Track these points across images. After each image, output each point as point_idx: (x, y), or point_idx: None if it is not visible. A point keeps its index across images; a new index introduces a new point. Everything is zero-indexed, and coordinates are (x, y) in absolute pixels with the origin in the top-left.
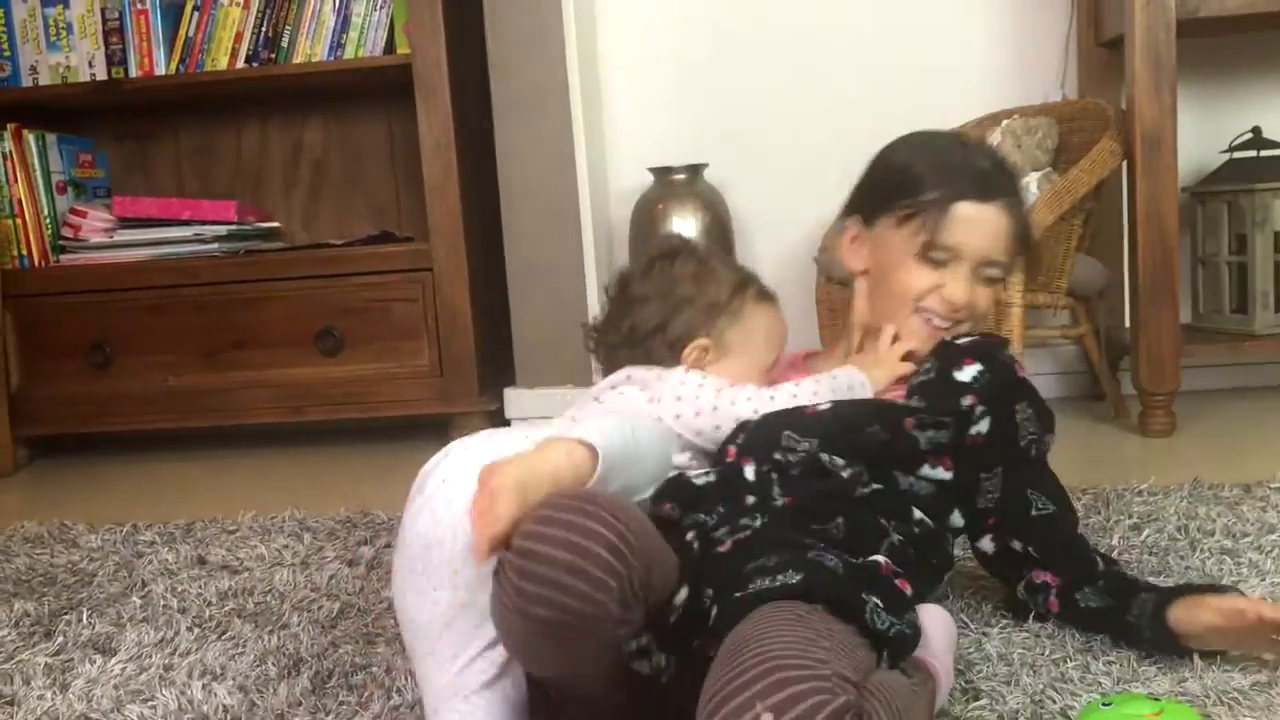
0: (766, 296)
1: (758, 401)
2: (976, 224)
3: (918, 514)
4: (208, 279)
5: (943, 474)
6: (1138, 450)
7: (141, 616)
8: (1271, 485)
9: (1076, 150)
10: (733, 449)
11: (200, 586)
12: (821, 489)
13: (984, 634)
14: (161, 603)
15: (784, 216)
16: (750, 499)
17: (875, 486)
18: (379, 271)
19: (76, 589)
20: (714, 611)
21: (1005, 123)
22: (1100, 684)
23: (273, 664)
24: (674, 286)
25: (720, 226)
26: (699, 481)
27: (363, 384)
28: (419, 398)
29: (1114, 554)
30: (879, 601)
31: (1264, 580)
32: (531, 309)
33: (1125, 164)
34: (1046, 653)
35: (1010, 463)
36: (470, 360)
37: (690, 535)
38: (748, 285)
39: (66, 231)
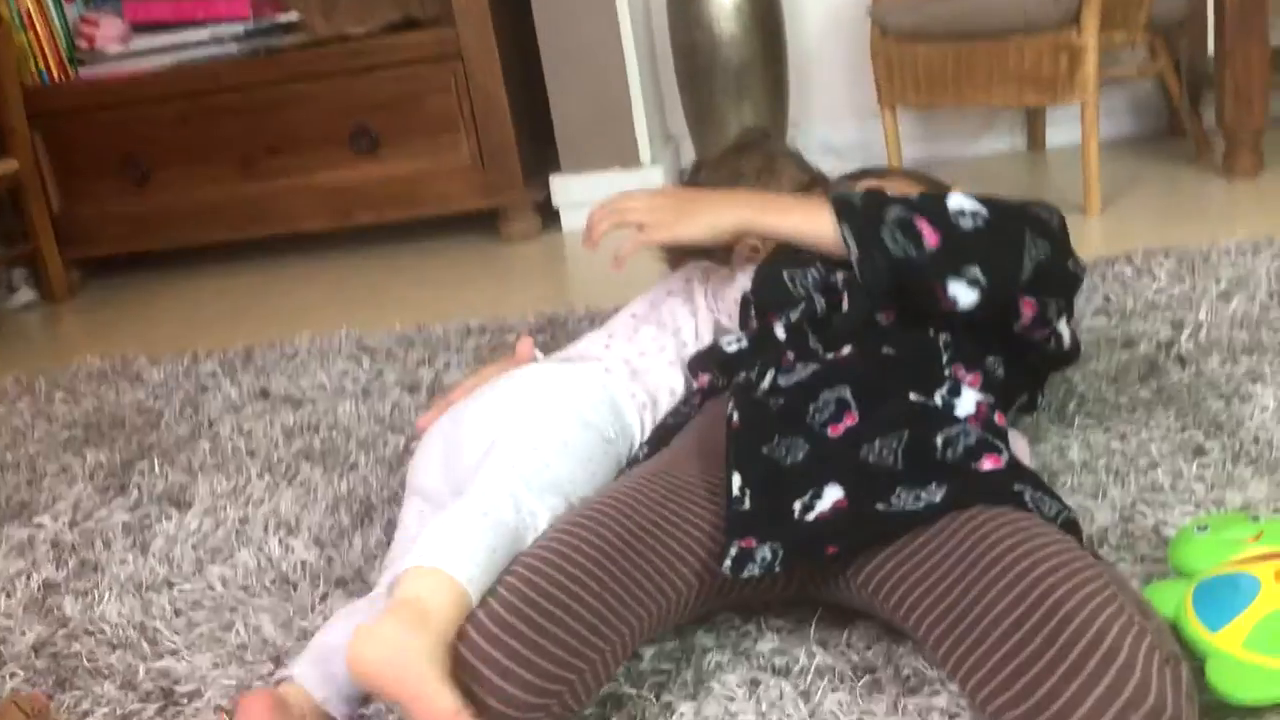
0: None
1: None
2: None
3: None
4: (230, 83)
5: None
6: (1223, 196)
7: (212, 463)
8: None
9: None
10: (752, 323)
11: (266, 425)
12: (851, 318)
13: (1064, 437)
14: (230, 445)
15: None
16: (791, 355)
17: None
18: (407, 62)
19: (146, 431)
20: (832, 504)
21: None
22: (1193, 491)
23: (345, 512)
24: (737, 181)
25: None
26: (731, 349)
27: (404, 183)
28: (462, 192)
29: (1202, 330)
30: (1030, 486)
31: None
32: (570, 91)
33: None
34: (1132, 458)
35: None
36: (511, 149)
37: (732, 404)
38: (813, 188)
39: (81, 43)
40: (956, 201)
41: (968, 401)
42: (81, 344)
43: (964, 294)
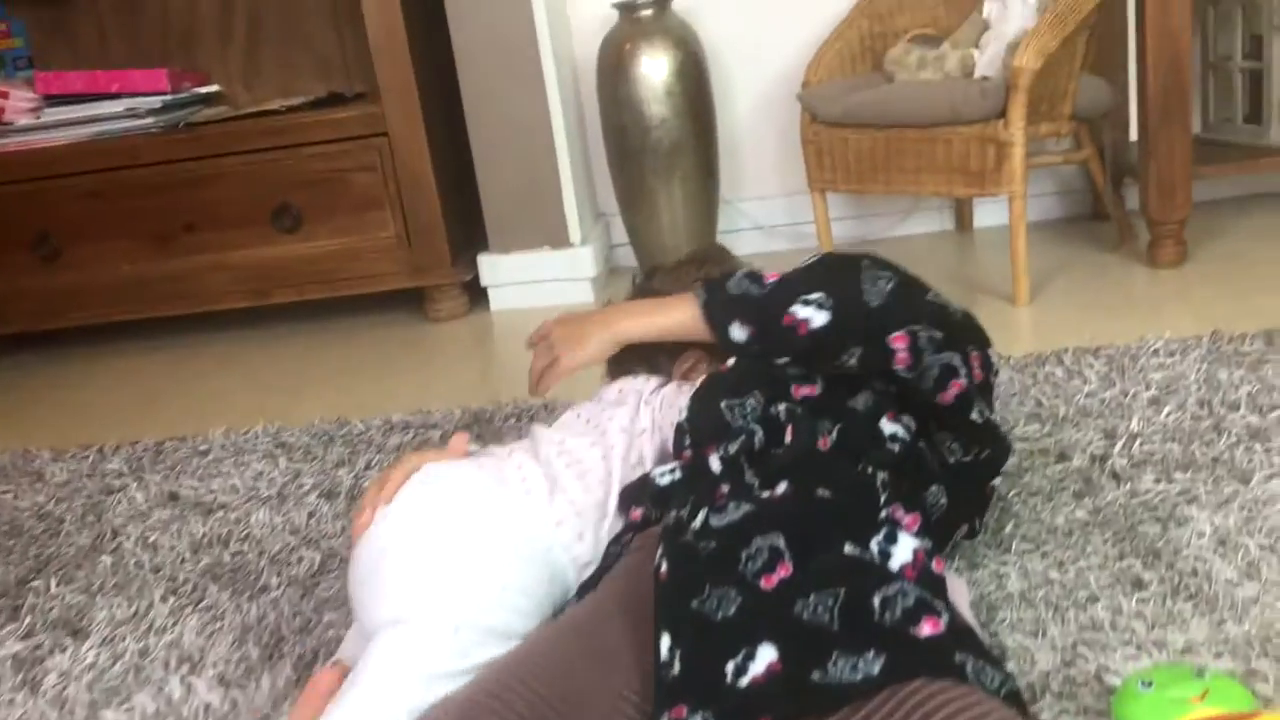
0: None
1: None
2: None
3: (887, 428)
4: (147, 158)
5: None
6: (1148, 286)
7: (113, 582)
8: None
9: None
10: (686, 452)
11: (172, 536)
12: (791, 453)
13: (1002, 563)
14: (133, 560)
15: (762, 49)
16: (725, 488)
17: (838, 425)
18: (332, 140)
19: (45, 541)
20: (768, 665)
21: None
22: (1134, 631)
23: (254, 644)
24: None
25: (694, 65)
26: (663, 481)
27: (328, 261)
28: (388, 271)
29: (1135, 442)
30: (972, 655)
31: None
32: (499, 169)
33: None
34: (1070, 590)
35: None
36: (439, 228)
37: (660, 551)
38: None
39: None
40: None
41: (904, 549)
42: None
43: (814, 315)
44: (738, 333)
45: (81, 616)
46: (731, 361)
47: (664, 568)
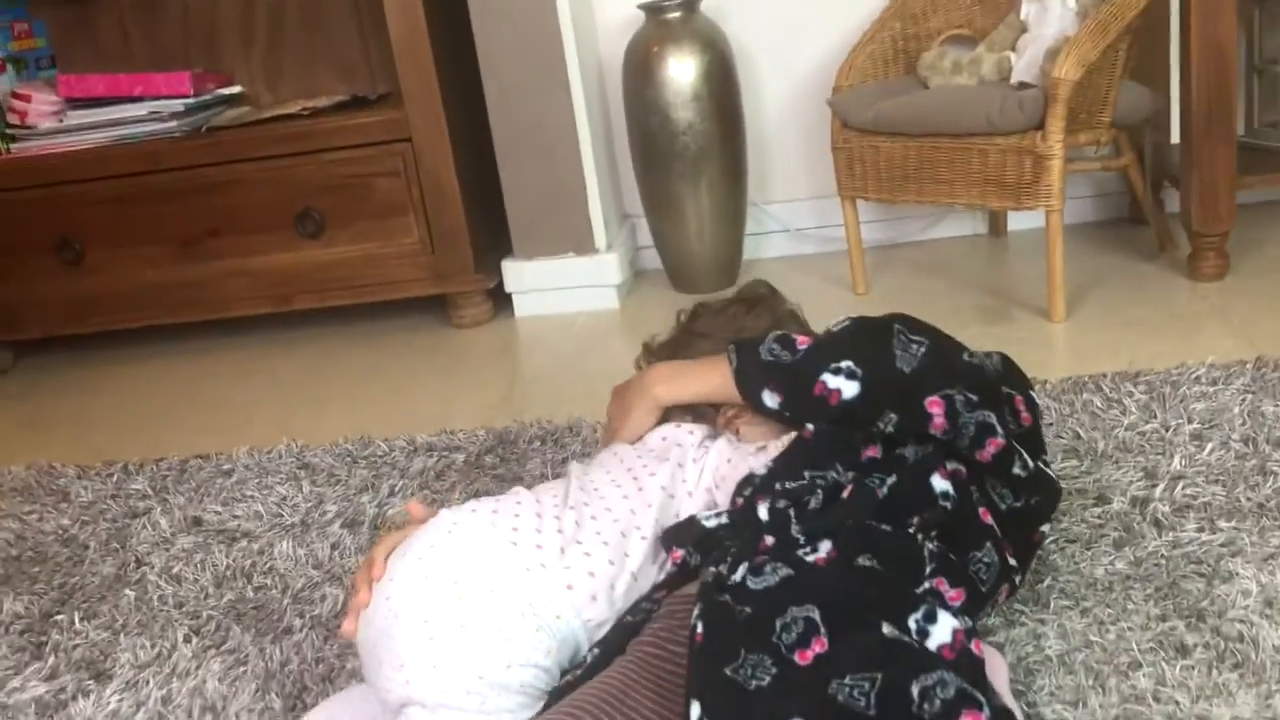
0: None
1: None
2: None
3: (939, 485)
4: (170, 163)
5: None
6: (1188, 302)
7: (137, 619)
8: None
9: None
10: (739, 498)
11: (196, 569)
12: (845, 512)
13: (1040, 622)
14: (156, 594)
15: (792, 52)
16: (769, 539)
17: (890, 480)
18: (355, 146)
19: (69, 570)
20: None
21: None
22: (1178, 703)
23: (276, 694)
24: (739, 335)
25: (722, 67)
26: (710, 524)
27: (350, 267)
28: (411, 278)
29: (1178, 485)
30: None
31: None
32: (524, 174)
33: None
34: (1111, 653)
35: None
36: (462, 234)
37: (698, 611)
38: None
39: (12, 118)
40: (835, 323)
41: (944, 629)
42: (9, 434)
43: (845, 385)
44: (769, 400)
45: (105, 657)
46: (812, 427)
47: (699, 629)
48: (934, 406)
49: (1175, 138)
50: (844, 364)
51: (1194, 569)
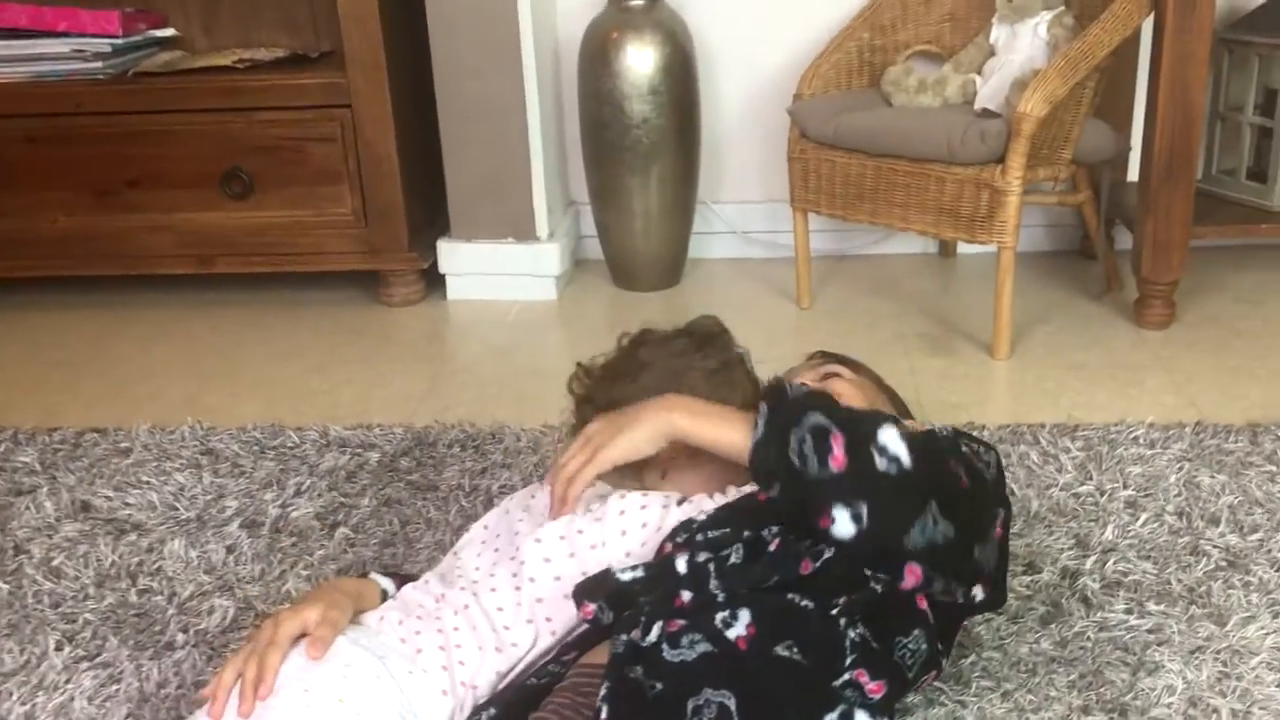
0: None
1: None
2: None
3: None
4: (93, 107)
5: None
6: (1130, 349)
7: (7, 619)
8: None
9: None
10: (669, 544)
11: (79, 563)
12: (765, 572)
13: (961, 705)
14: (33, 590)
15: (755, 51)
16: (686, 595)
17: (825, 555)
18: (291, 107)
19: None
20: None
21: None
22: None
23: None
24: (684, 375)
25: (682, 61)
26: (625, 578)
27: (278, 233)
28: (341, 250)
29: (1109, 559)
30: None
31: (1266, 619)
32: (467, 152)
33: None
34: None
35: None
36: (398, 209)
37: (604, 691)
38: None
39: None
40: (887, 436)
41: None
42: None
43: (844, 525)
44: (773, 491)
45: None
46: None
47: (604, 713)
48: (910, 575)
49: (1132, 175)
50: (860, 506)
51: (1120, 656)
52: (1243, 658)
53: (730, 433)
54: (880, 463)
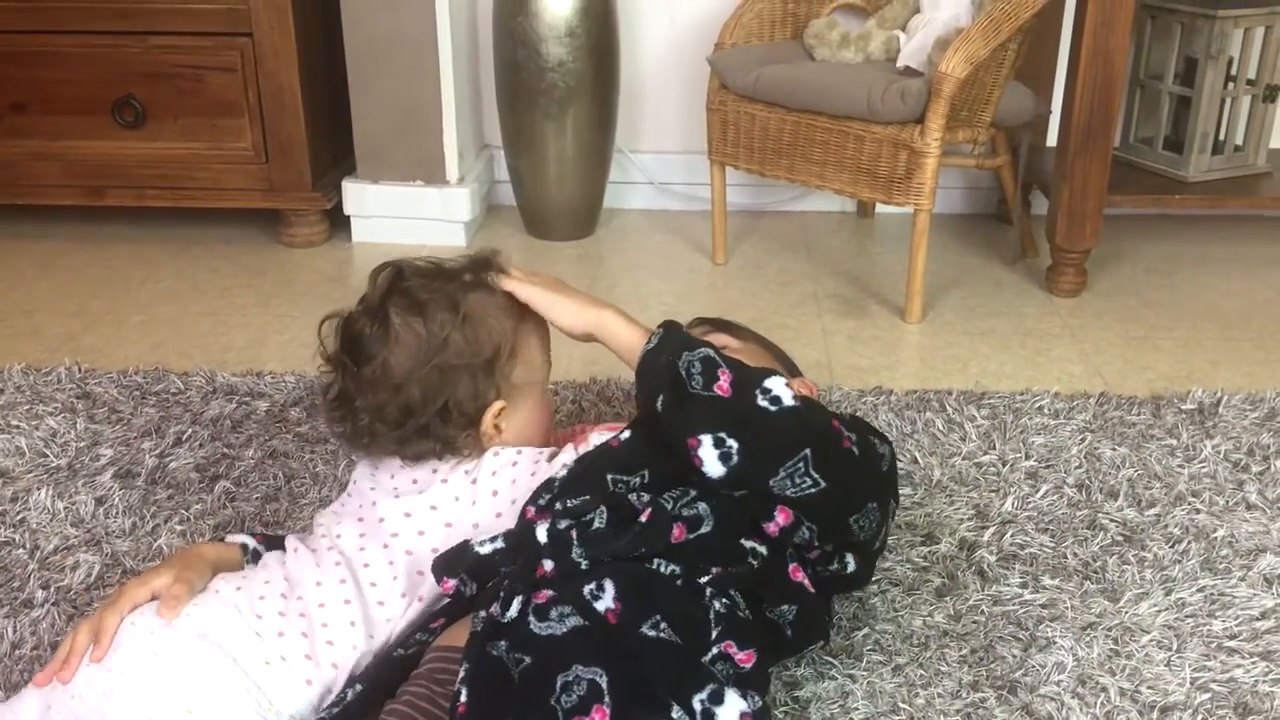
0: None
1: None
2: None
3: (747, 542)
4: None
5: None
6: (1040, 317)
7: None
8: (1182, 406)
9: None
10: (532, 509)
11: None
12: (634, 541)
13: (850, 679)
14: None
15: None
16: (548, 564)
17: (699, 527)
18: (188, 32)
19: None
20: None
21: None
22: None
23: (0, 682)
24: (441, 350)
25: (602, 4)
26: (484, 550)
27: (173, 165)
28: (240, 187)
29: (1007, 530)
30: None
31: (1159, 596)
32: (376, 89)
33: None
34: (927, 698)
35: None
36: (301, 146)
37: (463, 674)
38: (513, 312)
39: None
40: (773, 383)
41: (730, 712)
42: None
43: (713, 464)
44: (656, 405)
45: None
46: (626, 435)
47: (464, 696)
48: (782, 514)
49: (1051, 140)
50: (730, 443)
51: (1012, 631)
52: (1134, 635)
53: (635, 340)
54: (761, 401)
